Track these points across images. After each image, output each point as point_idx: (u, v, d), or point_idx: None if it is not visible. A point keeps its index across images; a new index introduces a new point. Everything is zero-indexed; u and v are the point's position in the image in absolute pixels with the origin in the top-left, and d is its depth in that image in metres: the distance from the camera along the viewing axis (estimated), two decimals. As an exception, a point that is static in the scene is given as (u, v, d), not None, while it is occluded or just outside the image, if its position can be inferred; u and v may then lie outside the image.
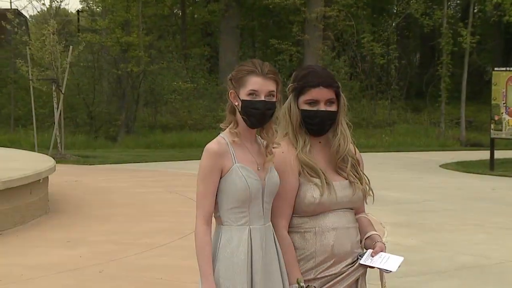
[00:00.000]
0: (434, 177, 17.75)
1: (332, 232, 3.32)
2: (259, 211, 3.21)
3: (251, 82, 3.17)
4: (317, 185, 3.30)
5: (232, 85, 3.21)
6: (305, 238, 3.33)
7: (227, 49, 34.73)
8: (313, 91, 3.33)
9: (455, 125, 32.20)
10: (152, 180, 16.53)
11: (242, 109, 3.18)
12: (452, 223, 11.00)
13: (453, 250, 8.99)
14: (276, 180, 3.26)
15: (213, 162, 3.15)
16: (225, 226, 3.20)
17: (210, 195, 3.17)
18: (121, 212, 11.72)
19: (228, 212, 3.19)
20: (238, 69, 3.22)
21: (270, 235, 3.26)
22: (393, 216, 11.33)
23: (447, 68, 30.83)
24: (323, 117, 3.33)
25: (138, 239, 9.40)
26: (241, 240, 3.17)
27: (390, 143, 28.53)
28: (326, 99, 3.34)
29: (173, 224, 10.43)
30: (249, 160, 3.21)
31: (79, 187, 14.82)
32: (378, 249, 3.39)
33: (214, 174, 3.16)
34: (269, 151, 3.28)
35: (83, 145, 27.26)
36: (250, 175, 3.17)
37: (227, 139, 3.21)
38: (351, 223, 3.42)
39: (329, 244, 3.31)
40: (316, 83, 3.32)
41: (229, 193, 3.17)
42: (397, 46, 35.58)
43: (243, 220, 3.18)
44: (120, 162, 21.32)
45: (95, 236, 9.65)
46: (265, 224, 3.24)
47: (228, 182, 3.16)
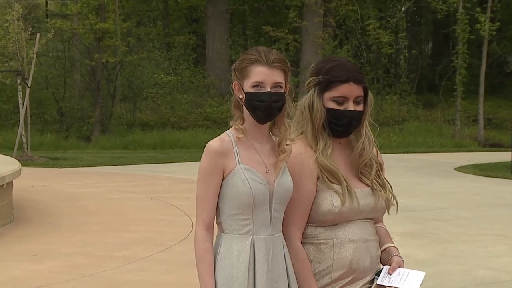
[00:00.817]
0: (448, 182, 17.78)
1: (350, 244, 3.30)
2: (265, 220, 3.18)
3: (255, 73, 3.16)
4: (338, 193, 3.27)
5: (236, 76, 3.20)
6: (321, 251, 3.30)
7: (214, 37, 34.74)
8: (342, 87, 3.29)
9: (472, 123, 32.29)
10: (130, 185, 16.50)
11: (246, 102, 3.17)
12: (469, 233, 11.02)
13: (470, 263, 9.00)
14: (288, 185, 3.23)
15: (214, 162, 3.14)
16: (226, 234, 3.19)
17: (211, 198, 3.17)
18: (95, 221, 11.68)
19: (230, 218, 3.18)
20: (242, 58, 3.21)
21: (279, 248, 3.23)
22: (401, 225, 11.34)
23: (463, 58, 30.89)
24: (351, 117, 3.30)
25: (115, 252, 9.37)
26: (242, 251, 3.15)
27: (399, 143, 28.57)
28: (355, 96, 3.31)
29: (154, 234, 10.41)
30: (256, 161, 3.20)
31: (48, 193, 14.78)
32: (395, 265, 3.37)
33: (215, 175, 3.15)
34: (282, 149, 3.26)
35: (52, 146, 27.20)
36: (254, 177, 3.14)
37: (232, 137, 3.20)
38: (372, 235, 3.40)
39: (347, 258, 3.28)
40: (346, 78, 3.29)
41: (230, 197, 3.16)
42: (406, 34, 35.64)
43: (246, 229, 3.17)
44: (94, 165, 21.26)
45: (65, 248, 9.61)
46: (273, 235, 3.21)
47: (230, 185, 3.15)
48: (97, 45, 31.26)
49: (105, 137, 29.53)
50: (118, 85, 32.44)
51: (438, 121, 32.97)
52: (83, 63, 32.17)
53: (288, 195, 3.23)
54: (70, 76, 32.84)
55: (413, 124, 32.22)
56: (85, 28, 31.20)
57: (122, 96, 33.69)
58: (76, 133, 30.56)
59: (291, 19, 33.09)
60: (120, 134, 30.17)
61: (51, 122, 31.71)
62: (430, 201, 14.28)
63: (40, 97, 31.06)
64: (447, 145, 28.88)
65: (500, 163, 21.20)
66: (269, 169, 3.21)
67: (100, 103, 30.73)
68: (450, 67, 33.19)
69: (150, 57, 33.43)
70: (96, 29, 30.65)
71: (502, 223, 11.91)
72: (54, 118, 31.77)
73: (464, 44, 30.94)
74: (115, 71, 32.01)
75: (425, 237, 10.73)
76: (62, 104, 31.13)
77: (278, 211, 3.22)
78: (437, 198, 14.82)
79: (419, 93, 36.54)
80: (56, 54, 32.83)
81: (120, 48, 31.12)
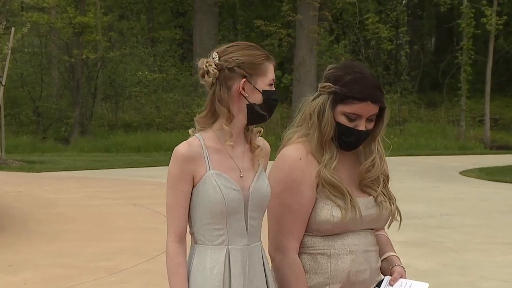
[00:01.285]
0: (453, 187, 17.81)
1: (349, 255, 3.30)
2: (241, 229, 3.17)
3: (271, 69, 3.19)
4: (340, 207, 3.26)
5: (244, 73, 3.15)
6: (317, 261, 3.30)
7: (202, 32, 34.72)
8: (358, 106, 3.27)
9: (478, 123, 32.37)
10: (111, 190, 16.49)
11: (263, 101, 3.16)
12: (475, 242, 11.04)
13: (476, 274, 9.01)
14: (265, 191, 3.22)
15: (182, 168, 3.12)
16: (199, 246, 3.18)
17: (181, 207, 3.15)
18: (74, 229, 11.67)
19: (202, 228, 3.16)
20: (250, 54, 3.17)
21: (257, 258, 3.23)
22: (403, 233, 11.33)
23: (468, 54, 30.97)
24: (360, 136, 3.31)
25: (95, 262, 9.35)
26: (216, 263, 3.13)
27: (399, 145, 28.60)
28: (369, 115, 3.31)
29: (137, 243, 10.40)
30: (228, 166, 3.18)
31: (23, 199, 14.75)
32: (397, 275, 3.38)
33: (184, 182, 3.13)
34: (254, 145, 3.26)
35: (28, 148, 27.15)
36: (227, 184, 3.12)
37: (202, 140, 3.17)
38: (372, 246, 3.41)
39: (345, 269, 3.28)
40: (364, 95, 3.27)
41: (201, 206, 3.14)
42: (408, 28, 35.71)
43: (220, 239, 3.15)
44: (73, 169, 21.23)
45: (42, 259, 9.59)
46: (249, 245, 3.19)
47: (201, 192, 3.13)
48: (76, 40, 31.23)
49: (85, 139, 29.49)
50: (99, 83, 32.42)
51: (441, 121, 33.05)
52: (62, 59, 32.13)
53: (265, 201, 3.22)
54: (47, 73, 32.81)
55: (414, 125, 32.29)
56: (64, 22, 31.16)
57: (103, 95, 33.66)
58: (53, 135, 30.51)
59: (284, 12, 33.09)
60: (101, 136, 30.14)
61: (27, 123, 31.66)
62: (434, 208, 14.31)
63: (15, 96, 31.01)
64: (451, 148, 28.94)
65: (507, 167, 21.26)
66: (244, 173, 3.20)
67: (79, 103, 30.69)
68: (454, 64, 33.27)
69: (133, 53, 33.43)
70: (75, 23, 30.62)
71: (510, 231, 11.94)
72: (30, 119, 31.72)
73: (469, 39, 31.02)
74: (96, 68, 31.99)
75: (428, 245, 10.75)
76: (38, 103, 31.09)
77: (255, 219, 3.20)
78: (441, 204, 14.85)
79: (421, 92, 36.64)
80: (32, 50, 32.79)
81: (101, 44, 31.11)
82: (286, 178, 3.29)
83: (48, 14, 32.62)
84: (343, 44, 33.08)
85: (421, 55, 37.31)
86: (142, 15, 40.62)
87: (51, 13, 32.82)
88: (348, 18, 34.20)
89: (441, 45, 42.85)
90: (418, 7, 38.60)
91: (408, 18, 35.80)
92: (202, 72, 3.21)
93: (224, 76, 3.16)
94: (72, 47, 30.96)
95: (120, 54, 32.00)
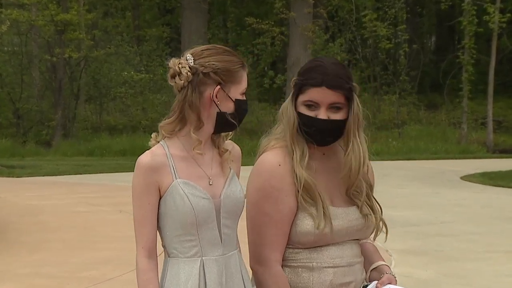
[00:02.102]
0: (454, 192, 17.85)
1: (332, 268, 3.29)
2: (215, 238, 3.16)
3: (245, 79, 3.18)
4: (312, 215, 3.24)
5: (219, 79, 3.12)
6: (298, 274, 3.29)
7: (191, 30, 34.73)
8: (313, 91, 3.27)
9: (480, 126, 32.45)
10: (96, 196, 16.48)
11: (234, 110, 3.14)
12: (477, 250, 11.07)
13: (478, 283, 9.04)
14: (238, 196, 3.21)
15: (145, 180, 3.10)
16: (172, 259, 3.17)
17: (148, 221, 3.12)
18: (56, 238, 11.66)
19: (173, 241, 3.15)
20: (226, 60, 3.15)
21: (234, 268, 3.23)
22: (402, 241, 11.38)
23: (470, 54, 31.06)
24: (321, 126, 3.27)
25: (79, 272, 9.36)
26: (190, 275, 3.13)
27: (398, 149, 28.67)
28: (329, 103, 3.27)
29: (123, 252, 10.39)
30: (196, 174, 3.16)
31: (3, 206, 14.73)
32: (385, 279, 3.36)
33: (149, 194, 3.11)
34: (222, 149, 3.24)
35: (7, 152, 27.09)
36: (195, 192, 3.10)
37: (167, 148, 3.16)
38: (356, 257, 3.39)
39: (328, 282, 3.28)
40: (319, 81, 3.26)
41: (170, 217, 3.12)
42: (407, 26, 35.77)
43: (193, 251, 3.14)
44: (55, 174, 21.20)
45: (23, 268, 9.59)
46: (225, 254, 3.19)
47: (168, 203, 3.11)
48: (58, 38, 31.21)
49: (67, 143, 29.46)
50: (82, 83, 32.38)
51: (442, 124, 33.11)
52: (43, 59, 32.10)
53: (238, 207, 3.21)
54: (28, 73, 32.74)
55: (414, 127, 32.34)
56: (45, 19, 31.14)
57: (87, 96, 33.63)
58: (34, 138, 30.46)
59: (277, 9, 33.14)
60: (84, 139, 30.11)
61: (6, 125, 31.59)
62: (434, 214, 14.34)
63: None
64: (453, 151, 29.01)
65: (511, 171, 21.29)
66: (213, 180, 3.18)
67: (62, 104, 30.67)
68: (456, 64, 33.35)
69: (118, 52, 33.40)
70: (57, 20, 30.61)
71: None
72: (10, 121, 31.65)
73: (471, 38, 31.10)
74: (79, 68, 31.95)
75: (428, 254, 10.77)
76: (19, 105, 31.02)
77: (229, 227, 3.20)
78: (442, 210, 14.88)
79: (421, 93, 36.70)
80: (12, 49, 32.71)
81: (85, 42, 31.06)
82: (265, 185, 3.26)
83: (29, 11, 32.58)
84: (339, 42, 33.11)
85: (421, 54, 37.39)
86: (127, 12, 40.63)
87: (32, 10, 32.79)
88: (344, 15, 34.25)
89: (442, 44, 42.95)
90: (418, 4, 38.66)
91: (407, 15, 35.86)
92: (173, 73, 3.18)
93: (198, 80, 3.12)
94: (54, 46, 30.94)
95: (105, 53, 31.98)
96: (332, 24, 35.05)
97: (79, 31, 31.14)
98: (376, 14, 33.17)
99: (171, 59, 3.21)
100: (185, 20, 35.71)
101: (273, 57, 36.14)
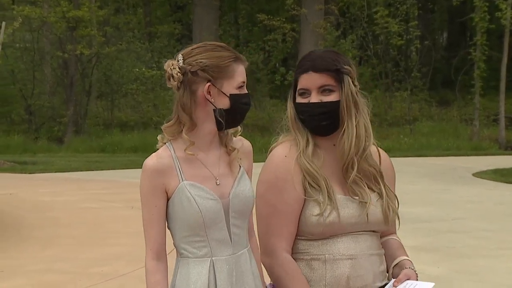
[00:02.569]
0: (466, 189, 17.82)
1: (347, 260, 3.25)
2: (224, 238, 3.15)
3: (239, 72, 3.15)
4: (319, 203, 3.22)
5: (208, 76, 3.11)
6: (312, 267, 3.27)
7: (202, 27, 34.74)
8: (303, 78, 3.31)
9: (492, 122, 32.36)
10: (107, 193, 16.50)
11: (231, 106, 3.13)
12: (489, 247, 11.04)
13: (490, 281, 9.02)
14: (248, 195, 3.21)
15: (152, 183, 3.10)
16: (182, 259, 3.17)
17: (155, 223, 3.13)
18: (68, 234, 11.68)
19: (183, 241, 3.16)
20: (215, 56, 3.13)
21: (244, 267, 3.22)
22: (413, 238, 11.36)
23: (482, 50, 30.97)
24: (313, 111, 3.28)
25: (90, 268, 9.37)
26: (200, 276, 3.13)
27: (409, 146, 28.62)
28: (318, 86, 3.27)
29: (135, 248, 10.40)
30: (202, 175, 3.15)
31: (15, 202, 14.77)
32: (402, 276, 3.32)
33: (156, 197, 3.11)
34: (230, 148, 3.23)
35: (19, 149, 27.17)
36: (202, 194, 3.10)
37: (173, 150, 3.15)
38: (374, 249, 3.35)
39: (343, 275, 3.24)
40: (306, 67, 3.30)
41: (178, 219, 3.13)
42: (418, 23, 35.71)
43: (202, 251, 3.14)
44: (67, 170, 21.24)
45: (35, 264, 9.61)
46: (234, 253, 3.19)
47: (176, 205, 3.11)
48: (70, 35, 31.26)
49: (79, 139, 29.51)
50: (94, 80, 32.43)
51: (454, 120, 33.05)
52: (55, 55, 32.15)
53: (248, 207, 3.21)
54: (39, 70, 32.82)
55: (425, 124, 32.28)
56: (57, 16, 31.18)
57: (98, 92, 33.68)
58: (46, 134, 30.53)
59: (289, 6, 33.13)
60: (96, 135, 30.16)
61: (18, 122, 31.67)
62: (445, 211, 14.31)
63: (6, 94, 31.03)
64: (464, 148, 28.94)
65: (523, 168, 21.27)
66: (221, 180, 3.17)
67: (73, 101, 30.72)
68: (468, 60, 33.28)
69: (130, 49, 33.44)
70: (69, 17, 30.65)
71: (526, 236, 11.95)
72: (22, 118, 31.73)
73: (483, 35, 31.02)
74: (91, 64, 32.00)
75: (440, 251, 10.75)
76: (30, 101, 31.10)
77: (238, 227, 3.19)
78: (453, 207, 14.86)
79: (433, 89, 36.61)
80: (24, 45, 32.78)
81: (96, 39, 31.10)
82: (271, 177, 3.27)
83: (41, 7, 32.66)
84: (350, 39, 33.07)
85: (433, 50, 37.30)
86: (139, 8, 40.62)
87: (44, 7, 32.86)
88: (356, 11, 34.21)
89: (454, 41, 42.83)
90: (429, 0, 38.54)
91: (419, 12, 35.84)
92: (168, 76, 3.17)
93: (188, 80, 3.12)
94: (66, 43, 30.99)
95: (116, 50, 32.01)
96: (343, 21, 35.00)
97: (90, 27, 31.19)
98: (388, 11, 33.13)
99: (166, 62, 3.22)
100: (196, 17, 35.72)
101: (284, 54, 36.11)
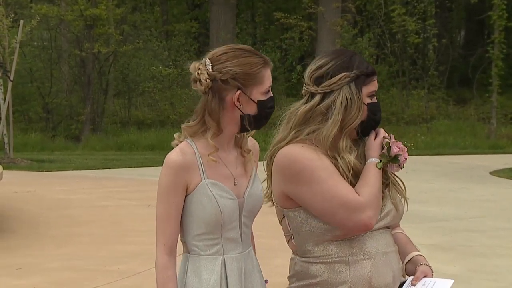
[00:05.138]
0: (483, 188, 17.75)
1: (368, 260, 3.26)
2: (236, 237, 3.19)
3: (267, 76, 3.16)
4: None
5: (238, 84, 3.10)
6: (335, 270, 3.26)
7: (219, 25, 34.74)
8: (375, 81, 3.35)
9: (510, 121, 32.22)
10: (125, 191, 16.53)
11: (258, 112, 3.13)
12: (506, 246, 11.00)
13: (507, 280, 8.99)
14: (260, 195, 3.24)
15: (176, 179, 3.10)
16: (193, 256, 3.19)
17: (172, 219, 3.14)
18: (85, 232, 11.71)
19: (195, 239, 3.17)
20: (245, 63, 3.11)
21: (251, 265, 3.26)
22: (430, 237, 11.33)
23: (499, 48, 30.84)
24: (380, 111, 3.37)
25: (107, 266, 9.40)
26: (213, 273, 3.15)
27: (426, 144, 28.53)
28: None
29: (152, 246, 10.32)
30: (223, 174, 3.17)
31: (32, 200, 14.81)
32: (420, 274, 3.33)
33: (177, 193, 3.12)
34: (246, 149, 3.25)
35: (37, 147, 27.26)
36: (223, 194, 3.12)
37: (196, 147, 3.15)
38: (390, 246, 3.36)
39: (366, 275, 3.25)
40: (372, 71, 3.33)
41: (195, 216, 3.14)
42: (436, 21, 35.60)
43: (214, 249, 3.16)
44: (84, 168, 21.29)
45: (52, 262, 9.64)
46: (243, 251, 3.22)
47: (195, 202, 3.12)
48: (87, 33, 31.31)
49: (96, 137, 29.57)
50: (111, 78, 32.50)
51: (471, 119, 32.91)
52: (72, 53, 32.21)
53: (259, 206, 3.24)
54: (57, 68, 32.89)
55: (443, 122, 32.16)
56: (74, 14, 31.24)
57: (115, 91, 33.74)
58: (64, 133, 30.61)
59: (306, 4, 33.08)
60: (113, 133, 30.21)
61: (36, 120, 31.78)
62: (462, 210, 14.27)
63: (24, 92, 31.12)
64: (482, 146, 28.82)
65: (541, 167, 21.17)
66: (238, 180, 3.19)
67: (91, 99, 30.79)
68: (485, 58, 33.14)
69: (147, 47, 33.47)
70: (86, 15, 30.69)
71: (543, 235, 11.89)
72: (40, 116, 31.84)
73: (501, 32, 30.87)
74: (108, 62, 32.05)
75: (456, 250, 10.73)
76: (48, 99, 31.19)
77: (247, 226, 3.23)
78: (470, 206, 14.81)
79: (450, 88, 36.50)
80: (41, 44, 32.88)
81: (114, 37, 31.14)
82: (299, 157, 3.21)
83: (58, 6, 32.72)
84: (367, 37, 33.00)
85: (450, 49, 37.15)
86: (156, 7, 40.64)
87: (61, 5, 32.93)
88: (373, 10, 34.11)
89: (471, 39, 42.63)
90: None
91: (436, 10, 35.71)
92: (194, 79, 3.17)
93: (217, 87, 3.11)
94: (83, 41, 31.04)
95: (133, 48, 32.05)
96: (360, 19, 34.93)
97: (108, 26, 31.24)
98: (405, 9, 32.99)
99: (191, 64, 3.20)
100: (213, 15, 35.72)
101: (301, 52, 36.05)
